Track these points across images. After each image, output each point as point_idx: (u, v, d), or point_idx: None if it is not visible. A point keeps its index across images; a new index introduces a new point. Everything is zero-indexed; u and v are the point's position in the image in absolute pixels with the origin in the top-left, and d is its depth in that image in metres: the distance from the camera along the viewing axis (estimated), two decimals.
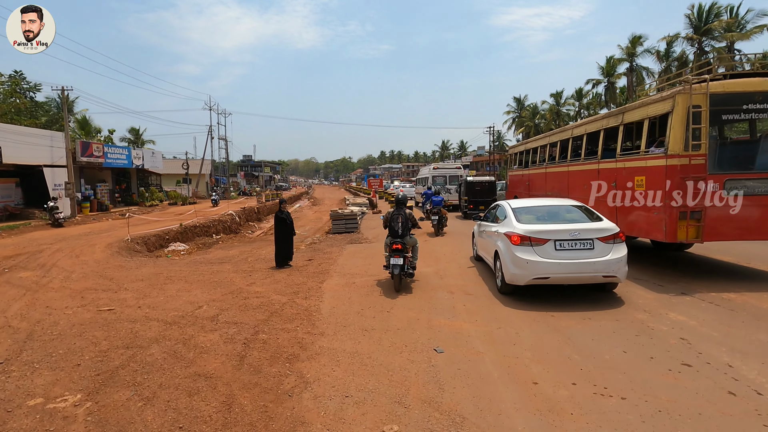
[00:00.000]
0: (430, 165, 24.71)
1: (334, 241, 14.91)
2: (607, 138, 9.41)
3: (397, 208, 7.99)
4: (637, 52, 45.99)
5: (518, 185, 16.18)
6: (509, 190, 17.65)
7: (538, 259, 6.24)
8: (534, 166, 14.27)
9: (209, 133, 43.28)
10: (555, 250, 6.23)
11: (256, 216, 32.13)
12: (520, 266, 6.37)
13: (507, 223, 7.31)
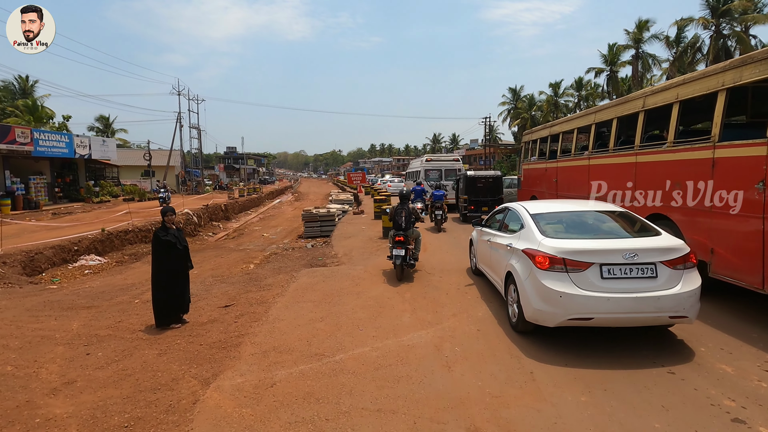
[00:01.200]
0: (423, 157, 20.66)
1: (287, 261, 10.77)
2: (731, 104, 5.44)
3: (401, 203, 8.07)
4: (644, 37, 42.29)
5: (538, 182, 12.21)
6: (523, 189, 13.67)
7: (577, 292, 4.38)
8: (566, 157, 10.29)
9: (178, 120, 38.70)
10: (601, 279, 4.40)
11: (223, 214, 27.88)
12: (550, 301, 4.49)
13: (526, 235, 5.39)
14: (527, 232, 5.38)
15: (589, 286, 4.37)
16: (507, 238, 5.98)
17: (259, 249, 16.54)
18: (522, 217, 5.84)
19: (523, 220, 5.72)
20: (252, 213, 33.20)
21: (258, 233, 22.73)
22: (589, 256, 4.45)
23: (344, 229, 15.01)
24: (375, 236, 12.97)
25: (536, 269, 4.67)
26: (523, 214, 5.84)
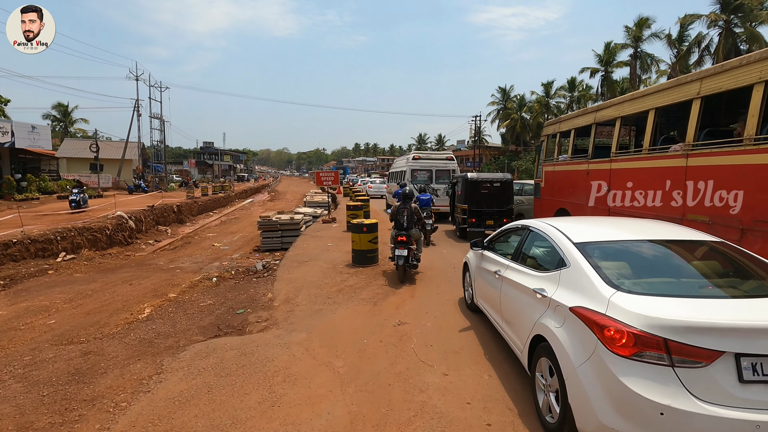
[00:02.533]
0: (409, 154, 16.92)
1: (192, 311, 6.65)
2: None
3: (403, 203, 7.95)
4: (644, 36, 39.51)
5: (570, 189, 8.60)
6: (544, 199, 10.04)
7: (696, 408, 2.27)
8: (635, 154, 6.67)
9: (135, 108, 34.11)
10: (740, 384, 2.30)
11: (175, 217, 23.63)
12: (639, 418, 2.38)
13: (575, 279, 3.15)
14: (576, 275, 3.15)
15: (717, 395, 2.26)
16: (535, 278, 3.75)
17: (194, 269, 12.57)
18: (560, 246, 3.60)
19: (565, 252, 3.47)
20: (214, 215, 28.96)
21: (209, 242, 18.68)
22: (717, 338, 2.30)
23: (304, 246, 11.14)
24: (341, 262, 9.17)
25: (606, 352, 2.52)
26: (562, 241, 3.62)
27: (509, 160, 52.50)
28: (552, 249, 3.75)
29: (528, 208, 12.36)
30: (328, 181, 15.88)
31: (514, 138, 57.13)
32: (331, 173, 15.96)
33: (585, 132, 8.36)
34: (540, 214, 10.27)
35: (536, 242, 4.25)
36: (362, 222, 8.55)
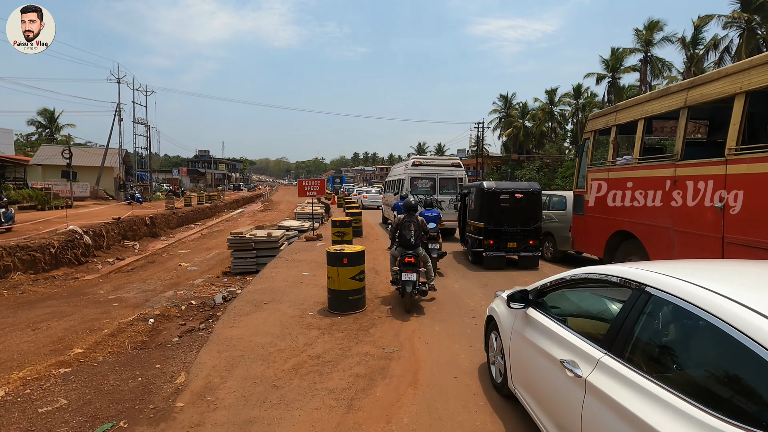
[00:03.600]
0: (408, 160, 14.33)
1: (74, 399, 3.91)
2: None
3: (408, 215, 6.66)
4: (655, 39, 37.29)
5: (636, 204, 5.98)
6: (590, 217, 7.42)
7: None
8: (757, 152, 4.05)
9: (116, 112, 31.62)
10: None
11: (147, 230, 20.95)
12: None
13: None
14: None
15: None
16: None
17: (138, 301, 9.90)
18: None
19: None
20: (196, 227, 26.30)
21: (178, 260, 16.01)
22: None
23: (271, 277, 8.46)
24: (314, 304, 6.51)
25: None
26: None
27: (512, 169, 50.03)
28: (748, 363, 1.52)
29: (558, 227, 9.74)
30: (312, 191, 13.25)
31: (517, 147, 54.76)
32: (316, 181, 13.35)
33: (665, 119, 5.77)
34: (584, 237, 7.64)
35: (680, 328, 2.02)
36: (342, 250, 5.92)
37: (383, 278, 8.21)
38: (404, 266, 6.13)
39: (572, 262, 9.79)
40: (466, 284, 7.74)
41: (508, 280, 7.98)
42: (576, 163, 8.11)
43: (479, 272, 8.74)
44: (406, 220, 6.55)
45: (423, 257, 6.61)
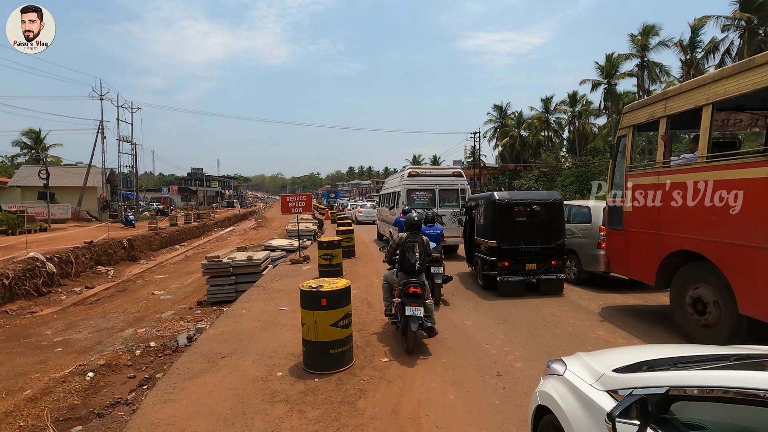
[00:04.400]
0: (404, 170, 12.87)
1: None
2: None
3: (412, 233, 5.45)
4: (651, 44, 36.47)
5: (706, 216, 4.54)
6: (631, 230, 5.93)
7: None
8: None
9: (99, 130, 30.17)
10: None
11: (125, 253, 19.29)
12: None
13: None
14: None
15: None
16: None
17: (88, 344, 8.30)
18: None
19: None
20: (180, 248, 24.65)
21: (152, 288, 14.37)
22: None
23: (240, 314, 6.87)
24: (285, 357, 4.94)
25: None
26: None
27: (510, 179, 48.82)
28: None
29: (582, 243, 8.25)
30: (297, 207, 11.72)
31: (514, 156, 53.66)
32: (301, 197, 11.82)
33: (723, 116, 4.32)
34: (624, 258, 6.14)
35: None
36: (319, 287, 4.38)
37: (378, 312, 6.67)
38: (409, 298, 5.03)
39: (602, 285, 8.28)
40: (480, 319, 6.18)
41: (532, 312, 6.44)
42: (609, 168, 6.64)
43: (493, 300, 7.19)
44: (409, 240, 5.37)
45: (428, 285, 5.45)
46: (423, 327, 5.02)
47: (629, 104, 6.31)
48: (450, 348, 5.10)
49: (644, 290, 7.76)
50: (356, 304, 7.15)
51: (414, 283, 5.11)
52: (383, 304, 5.94)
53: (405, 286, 5.13)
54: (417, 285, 5.09)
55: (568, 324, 5.84)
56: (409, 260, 5.25)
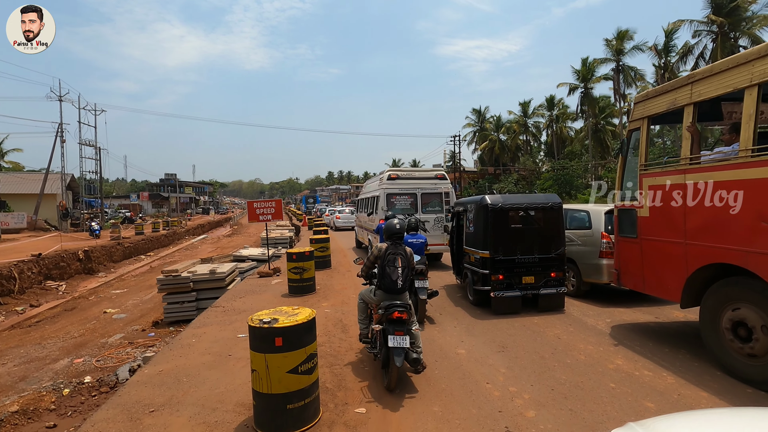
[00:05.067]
0: (383, 173, 11.86)
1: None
2: None
3: (393, 244, 4.53)
4: (625, 48, 36.75)
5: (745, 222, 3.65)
6: (647, 239, 5.08)
7: None
8: None
9: (58, 133, 28.17)
10: None
11: (81, 266, 17.61)
12: None
13: None
14: None
15: None
16: None
17: (7, 384, 6.90)
18: None
19: None
20: (146, 258, 22.98)
21: (106, 305, 12.90)
22: None
23: (193, 343, 5.68)
24: (233, 410, 3.82)
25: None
26: None
27: (489, 182, 48.52)
28: None
29: (581, 251, 7.40)
30: (266, 214, 10.56)
31: (493, 160, 53.48)
32: (270, 202, 10.66)
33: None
34: (640, 271, 5.28)
35: None
36: (273, 321, 3.31)
37: (354, 337, 5.62)
38: (392, 325, 4.10)
39: (603, 297, 7.44)
40: (475, 346, 5.20)
41: (534, 335, 5.50)
42: (618, 166, 5.79)
43: (487, 320, 6.23)
44: (390, 252, 4.46)
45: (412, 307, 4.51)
46: (408, 359, 4.10)
47: (642, 93, 5.48)
48: (442, 389, 4.09)
49: (651, 303, 6.96)
50: (328, 327, 6.08)
51: (398, 307, 4.15)
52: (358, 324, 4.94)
53: (388, 311, 4.15)
54: (402, 309, 4.13)
55: (579, 350, 4.92)
56: (389, 277, 4.33)
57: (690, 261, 4.41)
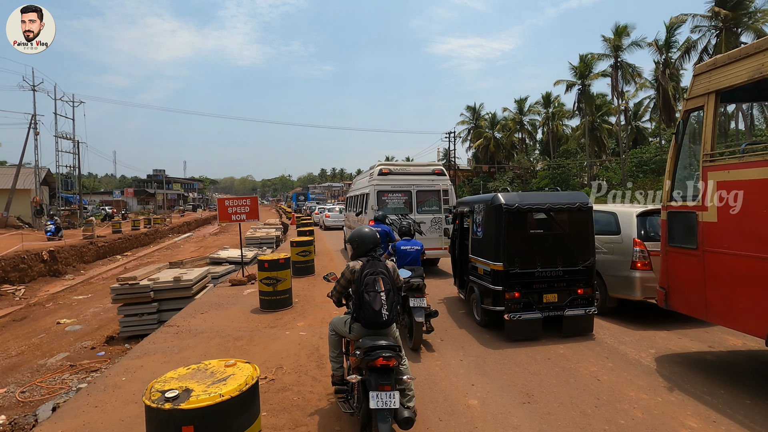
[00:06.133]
0: (374, 168, 10.53)
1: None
2: None
3: (372, 261, 3.32)
4: (624, 44, 35.73)
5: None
6: (722, 251, 3.76)
7: None
8: None
9: (31, 125, 26.45)
10: None
11: (45, 267, 16.07)
12: None
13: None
14: None
15: None
16: None
17: None
18: None
19: None
20: (122, 259, 21.46)
21: (64, 313, 11.47)
22: None
23: (120, 385, 4.35)
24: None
25: None
26: None
27: (484, 181, 47.43)
28: None
29: (608, 261, 6.16)
30: (240, 214, 9.21)
31: (488, 158, 52.37)
32: (244, 200, 9.30)
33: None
34: (701, 293, 4.05)
35: None
36: (184, 398, 1.99)
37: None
38: (375, 375, 2.93)
39: (634, 315, 6.21)
40: (491, 394, 3.92)
41: (567, 375, 4.24)
42: (669, 156, 4.53)
43: (501, 349, 4.97)
44: (367, 273, 3.23)
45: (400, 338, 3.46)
46: (398, 419, 2.89)
47: (706, 62, 4.21)
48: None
49: (691, 323, 5.73)
50: (300, 360, 4.77)
51: (384, 350, 2.94)
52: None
53: (369, 355, 2.93)
54: (389, 354, 2.92)
55: (630, 401, 3.67)
56: (370, 306, 3.11)
57: None
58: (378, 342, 3.00)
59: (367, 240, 3.40)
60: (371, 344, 2.98)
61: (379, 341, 3.02)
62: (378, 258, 3.36)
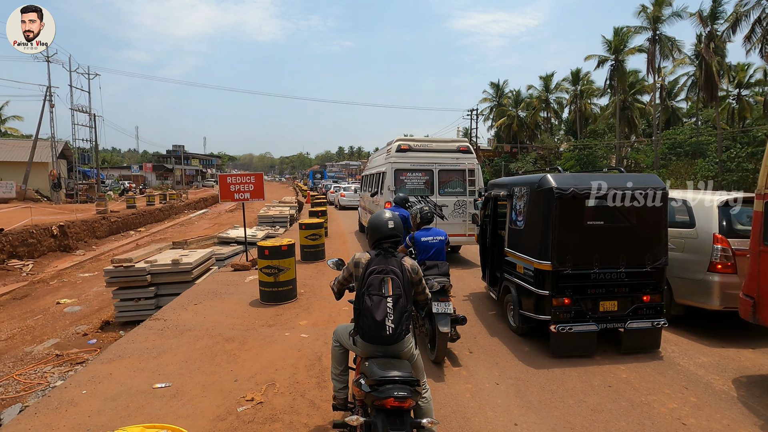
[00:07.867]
0: (392, 143, 9.45)
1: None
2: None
3: (384, 255, 2.46)
4: (663, 16, 32.96)
5: None
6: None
7: None
8: None
9: (46, 98, 26.03)
10: None
11: (56, 242, 15.69)
12: None
13: None
14: None
15: None
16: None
17: None
18: None
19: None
20: (135, 234, 21.08)
21: (66, 292, 10.96)
22: None
23: (90, 390, 3.53)
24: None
25: None
26: None
27: (505, 161, 45.59)
28: None
29: (676, 261, 5.02)
30: (243, 192, 8.31)
31: (510, 137, 50.26)
32: (249, 177, 8.37)
33: None
34: None
35: None
36: None
37: None
38: (384, 417, 2.10)
39: (702, 325, 5.10)
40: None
41: (638, 413, 3.24)
42: None
43: (547, 369, 3.97)
44: (374, 270, 2.43)
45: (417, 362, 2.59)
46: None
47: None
48: None
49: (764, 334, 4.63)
50: (298, 375, 3.87)
51: (397, 387, 2.11)
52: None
53: (377, 391, 2.14)
54: (403, 394, 2.08)
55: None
56: (370, 314, 2.35)
57: None
58: (389, 373, 2.15)
59: (383, 228, 2.53)
60: (380, 375, 2.14)
61: (391, 371, 2.17)
62: (392, 253, 2.49)
